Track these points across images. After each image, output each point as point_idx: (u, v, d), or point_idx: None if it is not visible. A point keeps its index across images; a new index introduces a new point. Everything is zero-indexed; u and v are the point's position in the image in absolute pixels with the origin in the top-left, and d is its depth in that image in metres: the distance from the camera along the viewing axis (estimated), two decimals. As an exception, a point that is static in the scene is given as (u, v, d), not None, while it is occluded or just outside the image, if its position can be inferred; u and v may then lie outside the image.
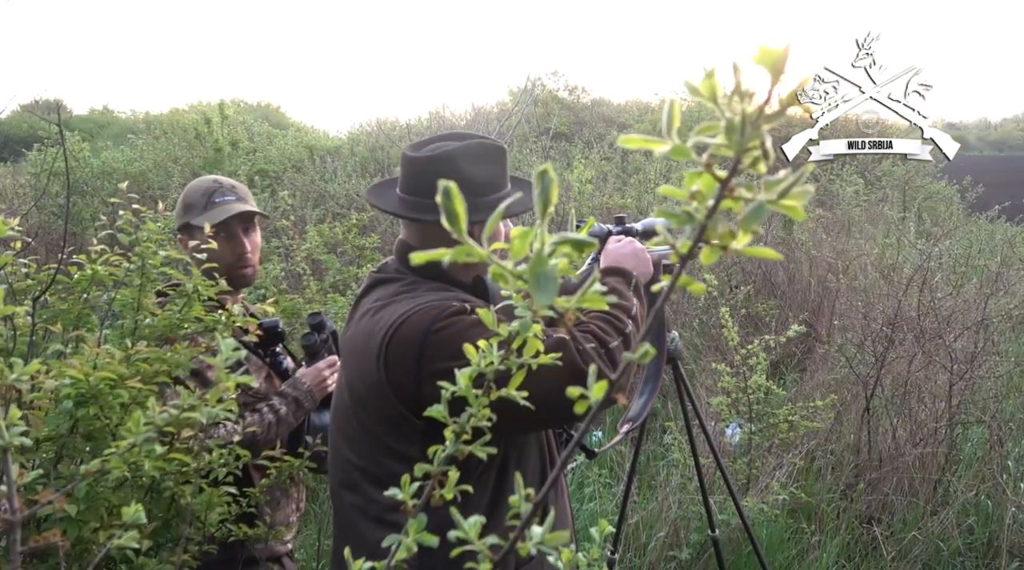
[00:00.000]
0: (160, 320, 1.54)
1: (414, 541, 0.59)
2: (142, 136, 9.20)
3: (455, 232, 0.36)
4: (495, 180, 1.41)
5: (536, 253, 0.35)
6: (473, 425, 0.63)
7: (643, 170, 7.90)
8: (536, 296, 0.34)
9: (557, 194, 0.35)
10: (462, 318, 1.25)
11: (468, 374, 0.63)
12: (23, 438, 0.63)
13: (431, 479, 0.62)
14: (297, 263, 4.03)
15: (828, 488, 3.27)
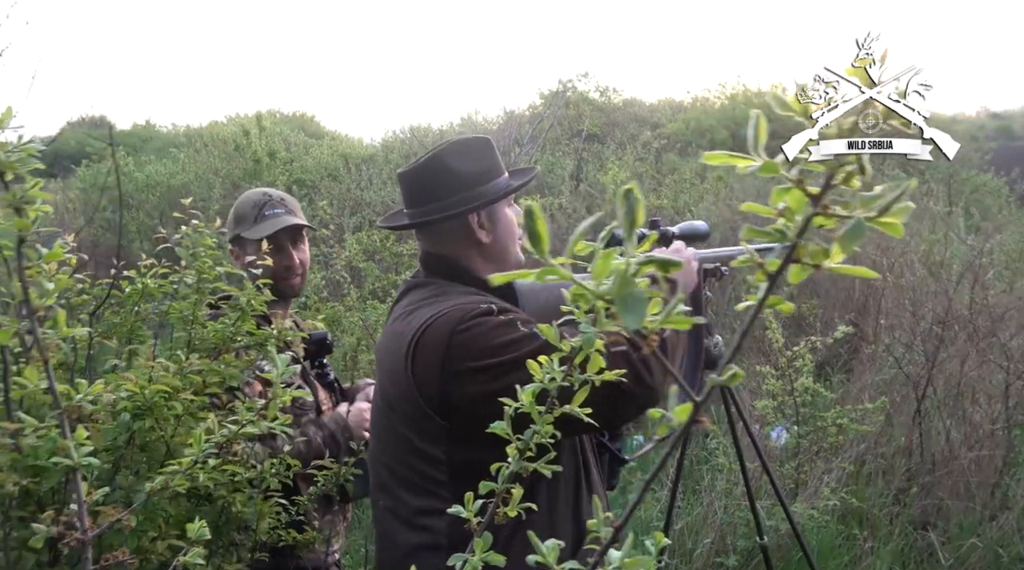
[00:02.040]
0: (212, 333, 1.57)
1: (480, 560, 0.58)
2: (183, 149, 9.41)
3: (537, 253, 0.35)
4: (486, 170, 1.46)
5: (622, 274, 0.34)
6: (536, 442, 0.62)
7: (678, 170, 7.82)
8: (625, 318, 0.33)
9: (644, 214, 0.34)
10: (488, 319, 1.27)
11: (532, 390, 0.62)
12: (91, 458, 0.64)
13: (495, 496, 0.61)
14: (337, 271, 4.07)
15: (879, 493, 3.18)
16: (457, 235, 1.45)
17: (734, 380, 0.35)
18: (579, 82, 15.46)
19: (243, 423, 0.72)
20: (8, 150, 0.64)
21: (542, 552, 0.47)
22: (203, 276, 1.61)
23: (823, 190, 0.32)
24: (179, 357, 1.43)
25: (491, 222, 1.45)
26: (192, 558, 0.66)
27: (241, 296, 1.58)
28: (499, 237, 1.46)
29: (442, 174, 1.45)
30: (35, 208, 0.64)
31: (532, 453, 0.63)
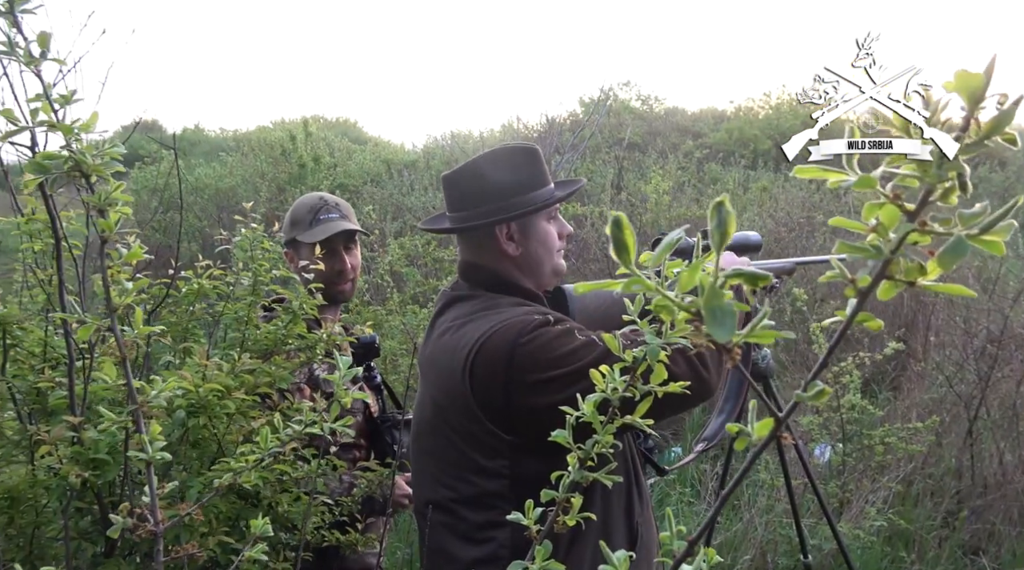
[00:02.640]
0: (265, 334, 1.60)
1: (540, 568, 0.59)
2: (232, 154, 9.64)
3: (623, 262, 0.35)
4: (524, 180, 1.44)
5: (710, 287, 0.34)
6: (597, 451, 0.62)
7: (721, 180, 7.73)
8: (714, 331, 0.33)
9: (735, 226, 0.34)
10: (547, 330, 1.25)
11: (594, 400, 0.62)
12: (164, 453, 0.66)
13: (556, 505, 0.61)
14: (380, 275, 4.12)
15: (927, 515, 3.09)
16: (486, 246, 1.44)
17: (820, 398, 0.35)
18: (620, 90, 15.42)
19: (307, 423, 0.74)
20: (93, 153, 0.66)
21: (612, 562, 0.47)
22: (259, 278, 1.64)
23: (920, 206, 0.32)
24: (232, 357, 1.46)
25: (522, 235, 1.43)
26: (256, 553, 0.68)
27: (293, 299, 1.61)
28: (531, 250, 1.43)
29: (477, 181, 1.45)
30: (117, 210, 0.67)
31: (593, 462, 0.63)
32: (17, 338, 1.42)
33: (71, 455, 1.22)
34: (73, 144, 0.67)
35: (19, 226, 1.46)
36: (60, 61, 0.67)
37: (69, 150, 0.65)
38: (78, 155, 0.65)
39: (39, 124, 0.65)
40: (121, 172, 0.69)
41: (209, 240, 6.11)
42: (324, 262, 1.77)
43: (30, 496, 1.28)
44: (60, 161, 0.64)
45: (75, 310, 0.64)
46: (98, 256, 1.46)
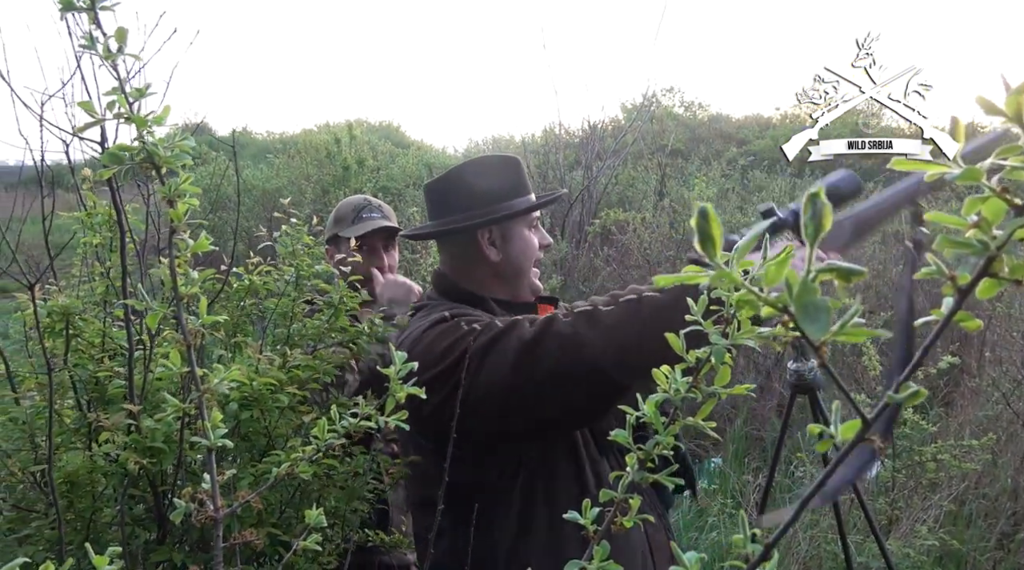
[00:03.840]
0: (309, 328, 1.63)
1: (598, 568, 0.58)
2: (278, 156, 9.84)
3: (708, 256, 0.34)
4: (507, 189, 1.46)
5: (803, 282, 0.33)
6: (658, 453, 0.61)
7: (766, 188, 7.60)
8: (808, 328, 0.32)
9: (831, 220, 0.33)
10: (440, 326, 1.30)
11: (655, 400, 0.61)
12: (226, 440, 0.67)
13: (615, 505, 0.60)
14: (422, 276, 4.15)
15: (981, 536, 2.98)
16: (467, 250, 1.46)
17: (915, 399, 0.33)
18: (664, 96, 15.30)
19: (363, 416, 0.74)
20: (165, 146, 0.68)
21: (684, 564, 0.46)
22: (301, 273, 1.67)
23: None
24: (283, 351, 1.49)
25: (503, 241, 1.45)
26: (310, 543, 0.68)
27: (333, 293, 1.63)
28: (510, 256, 1.46)
29: (460, 188, 1.47)
30: (185, 201, 0.68)
31: (654, 464, 0.62)
32: (78, 328, 1.46)
33: (129, 443, 1.25)
34: (146, 136, 0.68)
35: (81, 221, 1.51)
36: (136, 56, 0.69)
37: (142, 142, 0.67)
38: (151, 147, 0.67)
39: (115, 116, 0.67)
40: (190, 165, 0.70)
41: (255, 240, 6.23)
42: (363, 258, 1.84)
43: (88, 482, 1.31)
44: (134, 152, 0.66)
45: (144, 298, 0.65)
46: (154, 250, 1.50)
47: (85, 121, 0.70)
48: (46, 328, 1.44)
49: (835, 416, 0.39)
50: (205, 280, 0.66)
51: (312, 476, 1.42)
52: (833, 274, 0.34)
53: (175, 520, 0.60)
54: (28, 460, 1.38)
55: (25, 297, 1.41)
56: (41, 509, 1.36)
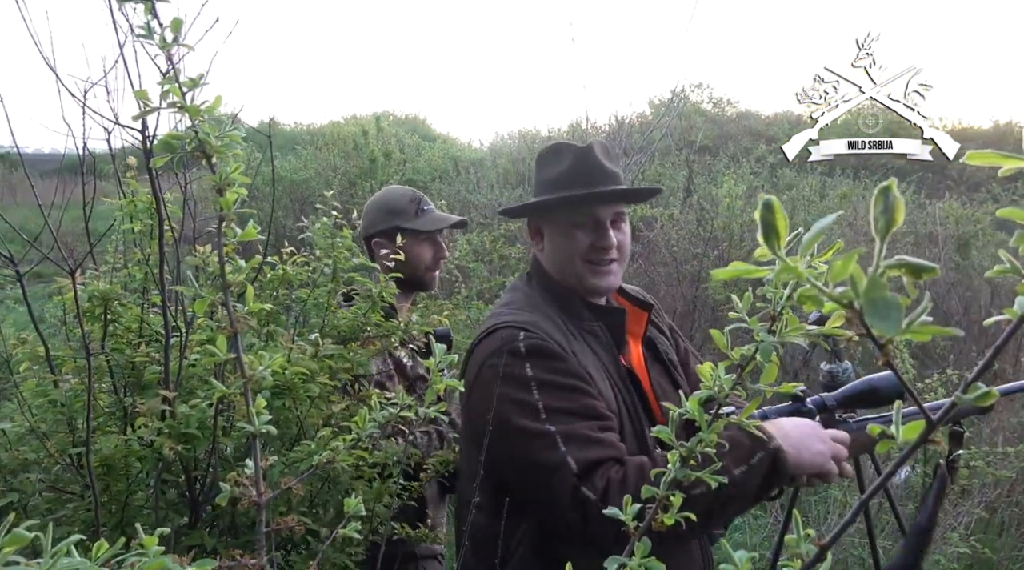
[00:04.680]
0: (344, 320, 1.64)
1: (640, 564, 0.58)
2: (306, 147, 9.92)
3: (771, 249, 0.34)
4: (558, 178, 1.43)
5: (872, 277, 0.32)
6: (701, 450, 0.61)
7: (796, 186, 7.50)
8: (876, 325, 0.31)
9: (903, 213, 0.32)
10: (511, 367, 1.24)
11: (699, 398, 0.61)
12: (269, 426, 0.68)
13: (656, 502, 0.60)
14: (449, 270, 4.17)
15: (1013, 545, 2.92)
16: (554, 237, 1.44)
17: (985, 400, 0.33)
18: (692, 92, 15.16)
19: (403, 406, 0.75)
20: (216, 135, 0.68)
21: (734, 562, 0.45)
22: (339, 266, 1.68)
23: None
24: (316, 341, 1.50)
25: (545, 236, 1.44)
26: (349, 531, 0.69)
27: (372, 287, 1.64)
28: (550, 251, 1.43)
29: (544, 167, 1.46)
30: (234, 189, 0.69)
31: (696, 462, 0.61)
32: (116, 314, 1.49)
33: (163, 428, 1.27)
34: (198, 126, 0.69)
35: (122, 208, 1.53)
36: (190, 47, 0.70)
37: (195, 131, 0.68)
38: (203, 136, 0.67)
39: (169, 106, 0.68)
40: (239, 155, 0.71)
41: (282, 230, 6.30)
42: (426, 250, 1.87)
43: (123, 466, 1.34)
44: (187, 141, 0.67)
45: (193, 284, 0.66)
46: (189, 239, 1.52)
47: (138, 110, 0.71)
48: (86, 313, 1.47)
49: (896, 416, 0.38)
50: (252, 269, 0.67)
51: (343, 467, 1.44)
52: (903, 270, 0.33)
53: (220, 503, 0.61)
54: (65, 442, 1.40)
55: (64, 282, 1.43)
56: (77, 491, 1.38)
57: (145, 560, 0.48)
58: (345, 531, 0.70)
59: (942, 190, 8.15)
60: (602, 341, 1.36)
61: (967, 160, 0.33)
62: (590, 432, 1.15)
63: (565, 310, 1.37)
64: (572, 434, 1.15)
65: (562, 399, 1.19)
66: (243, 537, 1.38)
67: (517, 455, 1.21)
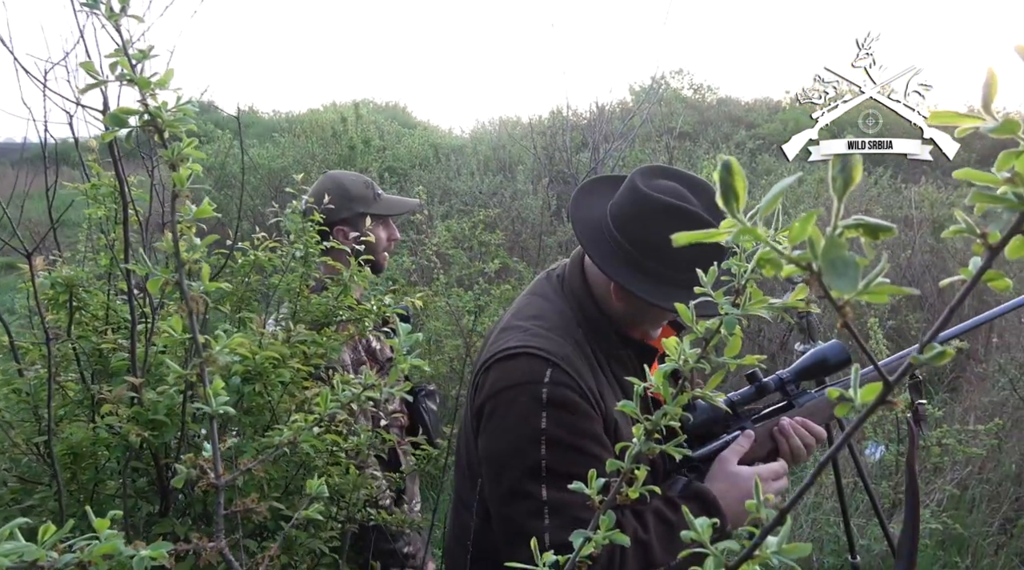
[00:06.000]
0: (317, 305, 1.62)
1: (604, 537, 0.57)
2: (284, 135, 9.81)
3: (730, 211, 0.33)
4: None
5: (829, 237, 0.31)
6: (665, 423, 0.61)
7: (775, 171, 7.55)
8: (834, 283, 0.31)
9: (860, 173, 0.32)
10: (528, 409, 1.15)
11: (664, 371, 0.60)
12: (227, 407, 0.67)
13: (621, 476, 0.59)
14: (427, 256, 4.15)
15: (983, 521, 2.98)
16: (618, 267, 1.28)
17: (940, 360, 0.32)
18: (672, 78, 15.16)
19: (366, 386, 0.74)
20: (168, 109, 0.66)
21: (695, 528, 0.45)
22: (310, 250, 1.66)
23: None
24: (287, 326, 1.48)
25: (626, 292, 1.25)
26: (311, 513, 0.68)
27: (344, 271, 1.63)
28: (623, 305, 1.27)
29: None
30: (189, 166, 0.67)
31: (661, 435, 0.61)
32: (82, 301, 1.46)
33: (131, 415, 1.25)
34: (149, 99, 0.67)
35: (85, 192, 1.50)
36: (139, 18, 0.67)
37: (145, 104, 0.66)
38: (154, 109, 0.65)
39: (118, 78, 0.66)
40: (194, 130, 0.69)
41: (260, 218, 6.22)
42: (381, 233, 1.88)
43: (91, 454, 1.32)
44: (136, 115, 0.65)
45: (146, 264, 0.64)
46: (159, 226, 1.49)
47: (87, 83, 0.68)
48: (50, 300, 1.44)
49: (855, 379, 0.37)
50: (208, 248, 0.65)
51: (315, 451, 1.43)
52: (860, 230, 0.32)
53: (177, 486, 0.59)
54: (32, 431, 1.38)
55: (26, 268, 1.40)
56: (45, 481, 1.36)
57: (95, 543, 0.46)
58: (308, 512, 0.68)
59: (918, 174, 8.24)
60: (628, 370, 1.28)
61: (929, 121, 0.32)
62: (579, 512, 1.08)
63: (593, 331, 1.28)
64: (562, 507, 1.10)
65: (568, 462, 1.11)
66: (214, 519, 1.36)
67: (502, 506, 1.18)
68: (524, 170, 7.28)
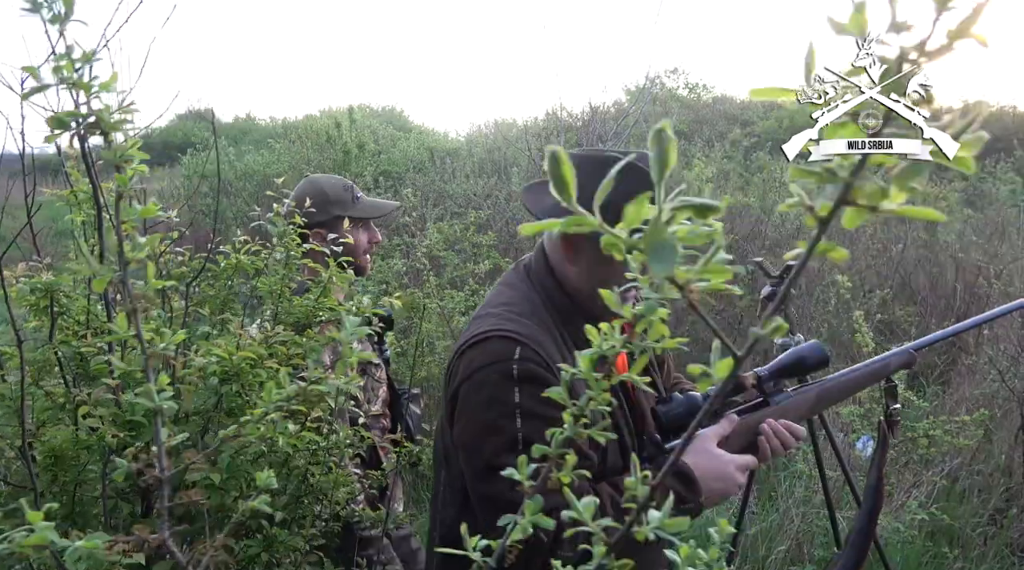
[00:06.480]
0: (298, 307, 1.64)
1: (530, 522, 0.59)
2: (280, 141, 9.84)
3: (564, 200, 0.35)
4: None
5: (653, 221, 0.33)
6: (592, 408, 0.62)
7: (768, 168, 7.56)
8: (654, 266, 0.33)
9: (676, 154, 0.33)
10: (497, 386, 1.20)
11: (589, 356, 0.62)
12: (171, 402, 0.69)
13: (548, 462, 0.61)
14: (418, 259, 4.17)
15: (974, 512, 2.99)
16: None
17: (777, 333, 0.34)
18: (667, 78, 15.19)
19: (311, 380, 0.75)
20: (111, 111, 0.69)
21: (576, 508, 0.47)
22: (291, 253, 1.68)
23: (883, 122, 0.31)
24: (265, 327, 1.50)
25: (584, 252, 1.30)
26: (259, 504, 0.70)
27: (324, 272, 1.65)
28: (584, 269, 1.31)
29: None
30: (133, 167, 0.69)
31: (587, 420, 0.63)
32: (63, 305, 1.48)
33: (110, 417, 1.27)
34: (93, 102, 0.69)
35: (65, 199, 1.52)
36: (83, 22, 0.70)
37: (88, 106, 0.68)
38: (96, 111, 0.67)
39: (61, 82, 0.68)
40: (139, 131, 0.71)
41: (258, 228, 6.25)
42: (361, 236, 1.91)
43: (72, 456, 1.34)
44: (80, 117, 0.67)
45: (90, 262, 0.66)
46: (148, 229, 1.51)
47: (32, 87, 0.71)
48: (31, 305, 1.46)
49: (714, 355, 0.39)
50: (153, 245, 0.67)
51: (294, 450, 1.45)
52: (690, 210, 0.34)
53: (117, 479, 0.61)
54: (15, 436, 1.40)
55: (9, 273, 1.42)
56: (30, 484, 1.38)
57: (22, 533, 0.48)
58: (254, 504, 0.70)
59: (913, 169, 8.22)
60: None
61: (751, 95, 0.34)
62: None
63: (561, 315, 1.32)
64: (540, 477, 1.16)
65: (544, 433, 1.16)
66: (196, 523, 1.38)
67: (480, 484, 1.21)
68: (519, 172, 7.30)
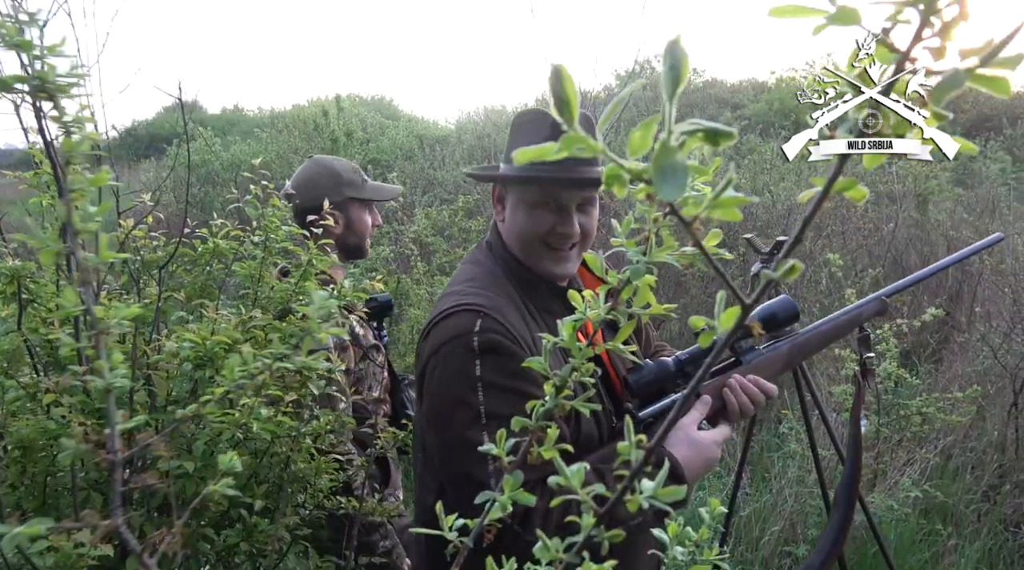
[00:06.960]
0: (279, 292, 1.59)
1: (509, 498, 0.55)
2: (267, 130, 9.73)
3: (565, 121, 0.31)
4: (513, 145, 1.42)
5: (662, 143, 0.29)
6: (576, 379, 0.58)
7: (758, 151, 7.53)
8: (661, 190, 0.28)
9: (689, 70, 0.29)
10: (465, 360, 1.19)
11: (571, 323, 0.58)
12: (123, 380, 0.64)
13: (530, 435, 0.57)
14: (406, 245, 4.12)
15: (967, 489, 2.98)
16: None
17: (791, 274, 0.30)
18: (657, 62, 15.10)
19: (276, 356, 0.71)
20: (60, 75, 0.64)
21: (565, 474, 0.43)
22: (271, 236, 1.63)
23: (914, 40, 0.26)
24: (240, 311, 1.45)
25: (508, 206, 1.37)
26: (222, 487, 0.66)
27: (304, 255, 1.60)
28: (511, 224, 1.35)
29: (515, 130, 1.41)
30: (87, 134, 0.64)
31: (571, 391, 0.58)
32: (32, 292, 1.43)
33: (78, 405, 1.22)
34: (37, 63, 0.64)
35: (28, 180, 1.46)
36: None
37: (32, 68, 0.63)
38: (40, 73, 0.63)
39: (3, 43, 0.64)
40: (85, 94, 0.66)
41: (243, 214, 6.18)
42: (366, 219, 1.90)
43: (41, 447, 1.29)
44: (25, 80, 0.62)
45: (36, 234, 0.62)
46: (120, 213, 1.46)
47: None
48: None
49: (718, 307, 0.35)
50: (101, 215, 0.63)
51: (275, 437, 1.40)
52: (699, 136, 0.30)
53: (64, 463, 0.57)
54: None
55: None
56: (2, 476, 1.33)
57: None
58: (216, 487, 0.66)
59: (903, 150, 8.22)
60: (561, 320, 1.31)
61: (770, 14, 0.30)
62: None
63: (523, 286, 1.32)
64: None
65: (506, 404, 1.12)
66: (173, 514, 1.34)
67: (451, 459, 1.19)
68: (508, 157, 7.24)
